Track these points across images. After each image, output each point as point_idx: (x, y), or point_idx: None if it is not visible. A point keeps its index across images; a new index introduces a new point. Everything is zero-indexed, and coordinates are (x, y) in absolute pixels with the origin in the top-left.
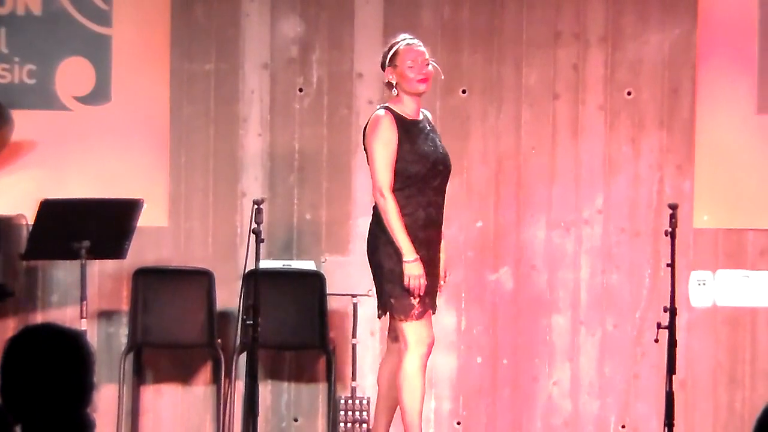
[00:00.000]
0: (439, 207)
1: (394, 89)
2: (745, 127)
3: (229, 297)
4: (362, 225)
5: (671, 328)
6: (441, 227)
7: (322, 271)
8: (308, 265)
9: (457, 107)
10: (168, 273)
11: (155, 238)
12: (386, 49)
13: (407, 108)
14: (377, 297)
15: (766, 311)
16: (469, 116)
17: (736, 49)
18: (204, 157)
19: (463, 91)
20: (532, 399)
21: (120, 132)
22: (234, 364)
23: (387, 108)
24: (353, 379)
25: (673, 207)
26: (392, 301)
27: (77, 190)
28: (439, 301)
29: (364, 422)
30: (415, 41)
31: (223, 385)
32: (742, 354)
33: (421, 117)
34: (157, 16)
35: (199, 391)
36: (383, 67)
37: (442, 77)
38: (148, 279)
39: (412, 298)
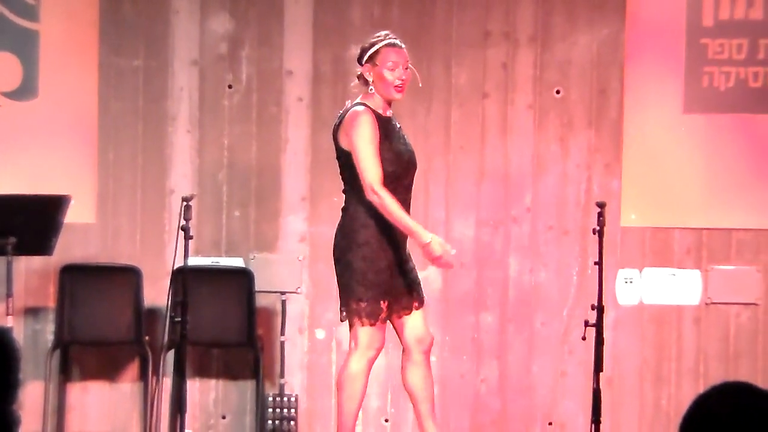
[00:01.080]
0: (408, 205)
1: (371, 87)
2: (672, 126)
3: (156, 294)
4: (291, 222)
5: (598, 325)
6: None
7: (250, 269)
8: (237, 262)
9: None
10: (95, 270)
11: (83, 235)
12: (366, 44)
13: (380, 105)
14: (342, 300)
15: (691, 309)
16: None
17: (663, 49)
18: (132, 154)
19: None
20: (460, 397)
21: (47, 128)
22: (162, 361)
23: (364, 105)
24: (281, 376)
25: (601, 205)
26: (362, 304)
27: (4, 185)
28: None
29: (292, 419)
30: (398, 42)
31: (150, 382)
32: (668, 352)
33: (390, 114)
34: (86, 12)
35: (126, 388)
36: (360, 61)
37: (420, 85)
38: (75, 276)
39: (382, 302)
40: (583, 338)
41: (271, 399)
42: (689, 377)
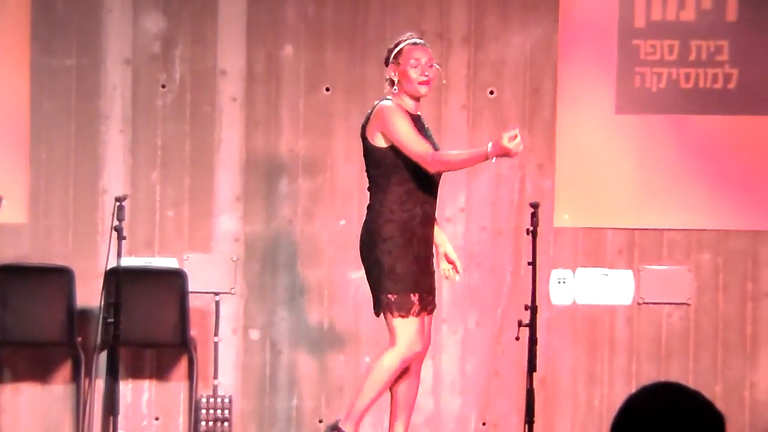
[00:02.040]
0: (434, 204)
1: (395, 87)
2: (604, 127)
3: (89, 295)
4: (225, 222)
5: (532, 325)
6: (434, 224)
7: (184, 269)
8: (170, 262)
9: (321, 105)
10: (27, 270)
11: (14, 235)
12: (392, 45)
13: (407, 105)
14: (373, 295)
15: (624, 309)
16: (332, 114)
17: (595, 50)
18: (65, 154)
19: (327, 89)
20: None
21: None
22: (94, 362)
23: (391, 100)
24: (215, 377)
25: (535, 206)
26: (391, 297)
27: None
28: (301, 298)
29: (226, 420)
30: (421, 41)
31: (82, 383)
32: (600, 352)
33: (417, 113)
34: (17, 10)
35: (59, 389)
36: (387, 63)
37: (444, 81)
38: (6, 276)
39: (412, 294)
40: (517, 338)
41: (204, 400)
42: (621, 377)
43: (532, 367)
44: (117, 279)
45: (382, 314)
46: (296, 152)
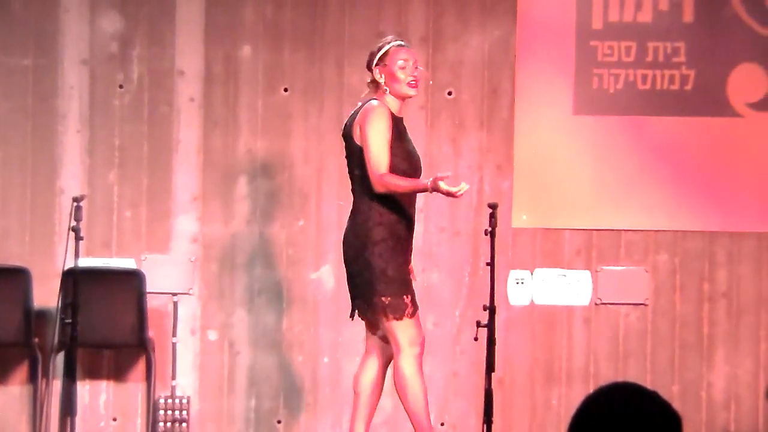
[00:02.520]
0: (415, 206)
1: (385, 87)
2: (562, 127)
3: (47, 295)
4: (182, 222)
5: (490, 326)
6: None
7: (141, 270)
8: (128, 263)
9: (279, 105)
10: None
11: None
12: (375, 48)
13: (393, 107)
14: (363, 299)
15: (582, 309)
16: (290, 115)
17: (553, 51)
18: (22, 154)
19: (285, 90)
20: (353, 397)
21: None
22: (51, 363)
23: (379, 101)
24: (173, 378)
25: (493, 206)
26: (384, 300)
27: None
28: (260, 299)
29: (184, 421)
30: (406, 43)
31: (40, 384)
32: (558, 352)
33: (400, 115)
34: None
35: (15, 390)
36: (369, 66)
37: (431, 82)
38: None
39: (404, 297)
40: (475, 339)
41: (162, 401)
42: (579, 377)
43: (490, 367)
44: (74, 279)
45: (362, 317)
46: (254, 153)
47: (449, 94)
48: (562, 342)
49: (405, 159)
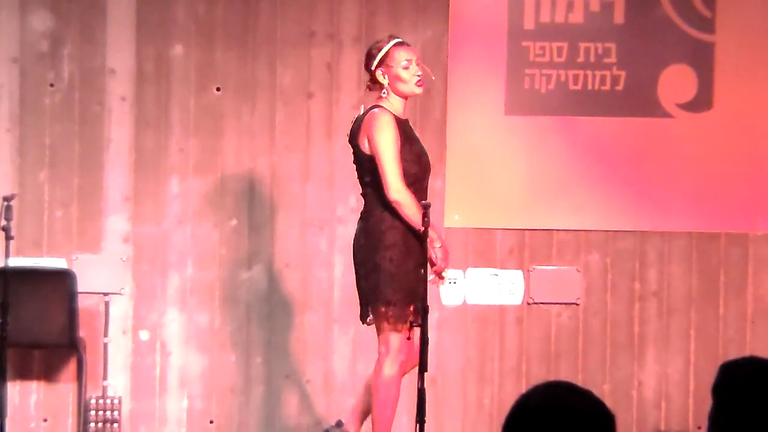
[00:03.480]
0: (426, 209)
1: (384, 90)
2: (494, 128)
3: None
4: (114, 222)
5: (423, 326)
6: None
7: (72, 269)
8: (59, 263)
9: (211, 105)
10: None
11: None
12: (373, 49)
13: (396, 108)
14: (368, 303)
15: (514, 309)
16: (223, 114)
17: (485, 51)
18: None
19: (218, 89)
20: (286, 397)
21: None
22: None
23: (382, 107)
24: (104, 378)
25: (426, 206)
26: (389, 307)
27: None
28: (192, 299)
29: (115, 422)
30: (405, 42)
31: None
32: (491, 351)
33: (404, 117)
34: None
35: None
36: (368, 68)
37: (433, 78)
38: None
39: (408, 307)
40: (408, 338)
41: (93, 401)
42: (512, 377)
43: (423, 367)
44: (4, 279)
45: (370, 321)
46: (187, 152)
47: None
48: (495, 341)
49: (414, 162)
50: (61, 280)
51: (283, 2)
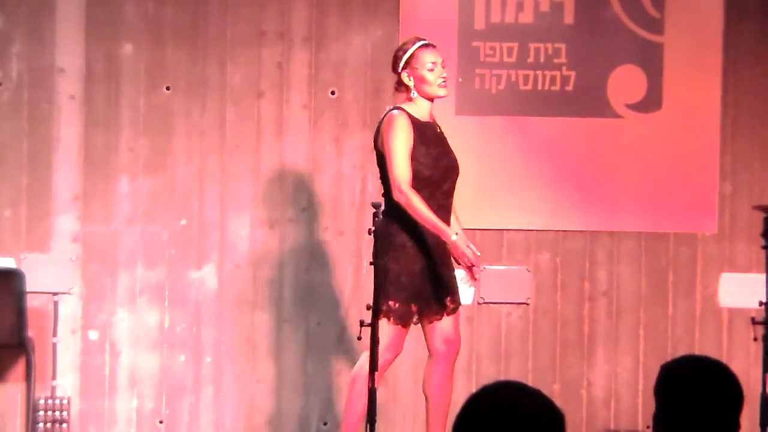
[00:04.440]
0: (448, 210)
1: (413, 92)
2: (445, 127)
3: None
4: (63, 222)
5: (374, 325)
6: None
7: (21, 269)
8: (7, 262)
9: (161, 104)
10: None
11: None
12: (399, 51)
13: (421, 110)
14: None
15: (464, 309)
16: (173, 113)
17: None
18: None
19: (167, 88)
20: (236, 397)
21: None
22: None
23: (401, 109)
24: (53, 378)
25: (376, 206)
26: (392, 305)
27: None
28: (142, 299)
29: (64, 422)
30: (431, 43)
31: None
32: None
33: (430, 120)
34: None
35: None
36: (395, 70)
37: (460, 80)
38: None
39: (412, 305)
40: (359, 338)
41: (42, 401)
42: (462, 376)
43: (374, 366)
44: None
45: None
46: (136, 151)
47: (332, 93)
48: None
49: (428, 166)
50: (10, 280)
51: (234, 1)
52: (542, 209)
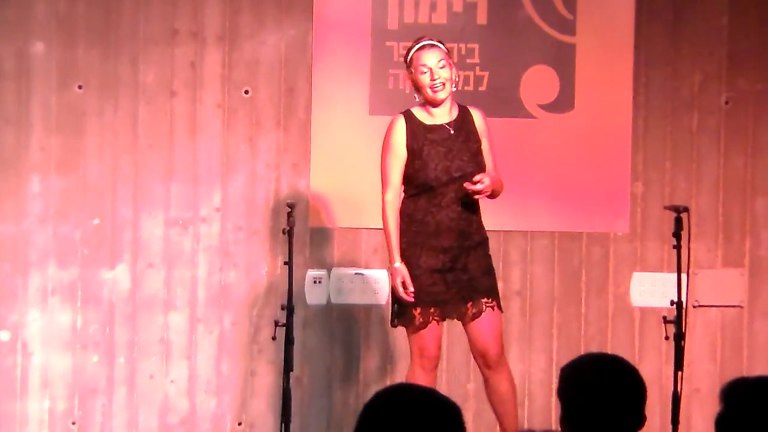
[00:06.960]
0: (459, 213)
1: (415, 95)
2: (359, 127)
3: None
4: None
5: (288, 325)
6: (468, 232)
7: None
8: None
9: (73, 103)
10: None
11: None
12: (405, 52)
13: (425, 113)
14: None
15: (378, 308)
16: (84, 112)
17: (350, 50)
18: None
19: (79, 87)
20: (149, 397)
21: None
22: None
23: (406, 111)
24: None
25: (291, 206)
26: (395, 306)
27: None
28: (54, 299)
29: None
30: (429, 43)
31: None
32: (356, 351)
33: (447, 120)
34: None
35: None
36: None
37: (460, 74)
38: None
39: (413, 309)
40: (273, 338)
41: None
42: (377, 376)
43: (288, 366)
44: None
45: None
46: (48, 150)
47: (246, 92)
48: (360, 341)
49: (422, 169)
50: None
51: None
52: None
